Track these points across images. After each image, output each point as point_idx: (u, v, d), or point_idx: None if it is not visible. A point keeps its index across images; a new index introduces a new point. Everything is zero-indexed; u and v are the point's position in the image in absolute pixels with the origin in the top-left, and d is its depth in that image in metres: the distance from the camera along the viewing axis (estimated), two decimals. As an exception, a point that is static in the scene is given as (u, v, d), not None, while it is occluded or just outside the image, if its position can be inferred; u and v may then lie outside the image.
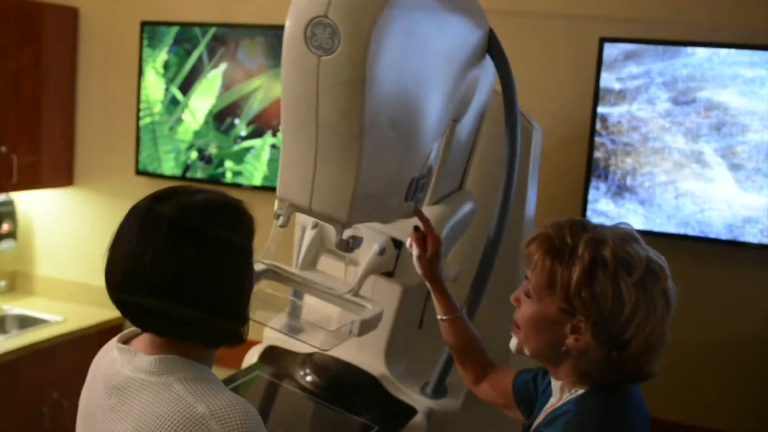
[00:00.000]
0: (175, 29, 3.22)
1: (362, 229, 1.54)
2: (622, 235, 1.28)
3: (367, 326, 1.54)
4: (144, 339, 1.25)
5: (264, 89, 3.10)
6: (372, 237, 1.62)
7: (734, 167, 2.49)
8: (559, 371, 1.32)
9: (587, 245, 1.24)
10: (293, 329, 1.61)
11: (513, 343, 1.37)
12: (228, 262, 1.20)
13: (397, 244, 1.67)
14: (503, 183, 1.74)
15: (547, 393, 1.41)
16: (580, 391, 1.30)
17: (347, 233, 1.48)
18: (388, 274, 1.67)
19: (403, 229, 1.65)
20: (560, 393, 1.34)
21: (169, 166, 3.29)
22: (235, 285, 1.22)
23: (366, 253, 1.64)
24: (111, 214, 3.47)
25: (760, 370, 2.60)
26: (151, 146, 3.32)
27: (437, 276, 1.62)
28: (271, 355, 1.92)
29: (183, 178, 3.25)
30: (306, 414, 1.78)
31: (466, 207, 1.86)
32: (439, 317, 1.63)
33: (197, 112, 3.23)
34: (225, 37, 3.14)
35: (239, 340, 1.25)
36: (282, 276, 1.64)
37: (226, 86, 3.17)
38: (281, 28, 2.84)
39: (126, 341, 1.28)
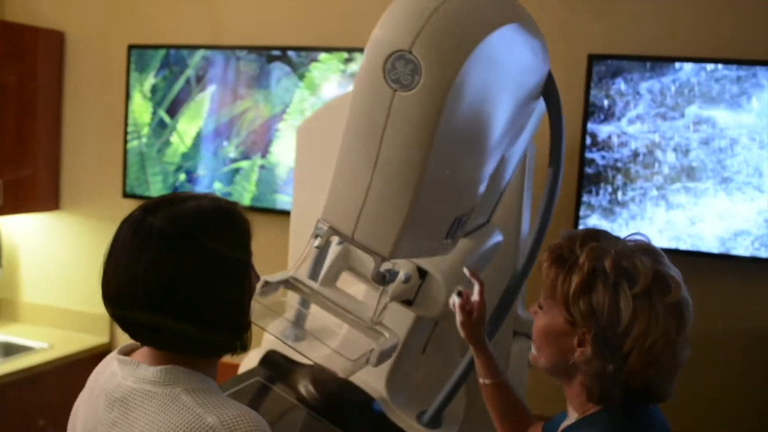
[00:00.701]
0: (162, 52, 3.21)
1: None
2: (633, 247, 1.26)
3: (383, 357, 1.51)
4: (145, 351, 1.22)
5: (253, 111, 3.09)
6: (397, 263, 1.59)
7: (724, 180, 2.51)
8: (571, 388, 1.29)
9: (588, 255, 1.23)
10: (294, 337, 1.59)
11: (531, 355, 1.36)
12: (222, 270, 1.19)
13: (422, 273, 1.64)
14: (538, 223, 1.70)
15: (563, 416, 1.38)
16: (592, 411, 1.27)
17: (385, 266, 1.46)
18: (408, 302, 1.64)
19: (429, 259, 1.62)
20: (573, 413, 1.31)
21: (157, 189, 3.27)
22: (232, 292, 1.21)
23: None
24: (98, 238, 3.44)
25: (754, 383, 2.60)
26: (139, 169, 3.29)
27: (481, 340, 1.57)
28: (272, 360, 1.89)
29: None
30: (298, 426, 1.75)
31: (493, 241, 1.83)
32: (481, 381, 1.57)
33: (185, 135, 3.21)
34: (213, 60, 3.14)
35: (242, 349, 1.23)
36: (301, 289, 1.61)
37: (214, 108, 3.16)
38: (270, 49, 2.86)
39: (127, 354, 1.25)
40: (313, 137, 2.13)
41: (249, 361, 1.97)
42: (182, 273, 1.15)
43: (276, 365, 1.88)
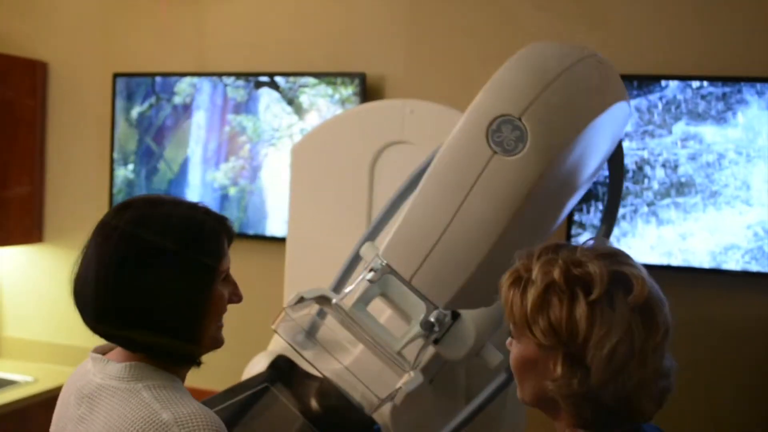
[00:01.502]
0: (148, 80, 3.21)
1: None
2: (588, 253, 1.16)
3: (407, 396, 1.50)
4: (119, 350, 1.24)
5: (241, 137, 3.08)
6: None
7: (713, 195, 2.54)
8: (559, 421, 1.19)
9: (540, 269, 1.14)
10: (304, 345, 1.57)
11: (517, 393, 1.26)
12: (177, 280, 1.18)
13: (455, 315, 1.63)
14: None
15: None
16: None
17: (434, 315, 1.45)
18: (435, 341, 1.63)
19: None
20: None
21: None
22: (184, 303, 1.19)
23: (417, 313, 1.55)
24: (83, 269, 3.39)
25: (747, 395, 2.60)
26: (125, 197, 3.26)
27: None
28: (281, 366, 1.85)
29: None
30: None
31: None
32: None
33: (173, 162, 3.20)
34: (200, 86, 3.13)
35: (192, 361, 1.24)
36: (332, 308, 1.59)
37: (202, 135, 3.15)
38: (257, 75, 2.88)
39: (103, 353, 1.26)
40: (308, 157, 2.13)
41: (256, 363, 1.93)
42: (134, 278, 1.16)
43: (284, 372, 1.85)
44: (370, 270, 1.46)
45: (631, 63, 2.65)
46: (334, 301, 1.52)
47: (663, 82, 2.57)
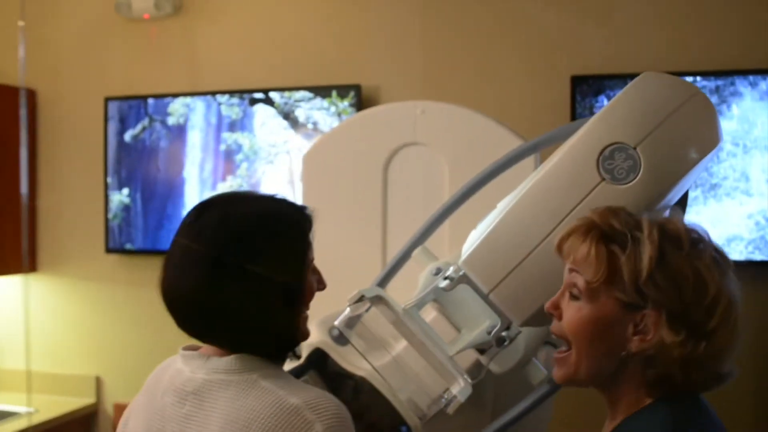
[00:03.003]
0: (141, 102, 3.19)
1: (475, 305, 1.51)
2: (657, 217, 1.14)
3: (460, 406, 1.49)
4: (209, 347, 1.22)
5: (238, 155, 3.07)
6: (483, 311, 1.58)
7: (713, 187, 2.57)
8: (619, 390, 1.14)
9: (651, 224, 1.10)
10: (339, 339, 1.56)
11: (560, 372, 1.18)
12: (273, 276, 1.17)
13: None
14: None
15: None
16: (646, 404, 1.11)
17: (510, 330, 1.44)
18: (481, 351, 1.61)
19: None
20: (618, 416, 1.15)
21: (143, 240, 3.21)
22: (282, 298, 1.19)
23: (471, 322, 1.56)
24: (81, 297, 3.35)
25: (755, 385, 2.63)
26: (122, 221, 3.23)
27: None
28: (319, 360, 1.83)
29: (154, 250, 3.17)
30: None
31: None
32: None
33: (170, 184, 3.18)
34: (194, 106, 3.12)
35: (288, 353, 1.24)
36: (387, 309, 1.59)
37: (198, 155, 3.13)
38: (251, 92, 2.89)
39: (194, 350, 1.24)
40: (319, 164, 2.13)
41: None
42: (229, 281, 1.15)
43: (323, 366, 1.83)
44: (445, 278, 1.45)
45: (624, 63, 2.69)
46: (403, 306, 1.51)
47: (657, 79, 2.61)
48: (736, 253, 2.57)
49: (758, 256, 2.55)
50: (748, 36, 2.62)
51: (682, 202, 1.57)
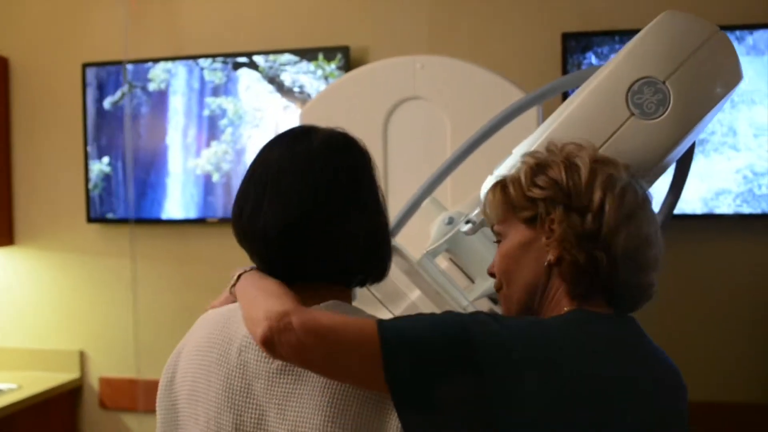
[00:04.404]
0: (120, 68, 3.12)
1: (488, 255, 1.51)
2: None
3: None
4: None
5: (222, 120, 3.02)
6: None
7: (701, 142, 2.60)
8: (549, 309, 1.18)
9: (525, 156, 1.22)
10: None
11: (503, 309, 1.26)
12: (377, 199, 1.20)
13: None
14: None
15: None
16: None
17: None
18: (495, 301, 1.63)
19: None
20: None
21: (125, 208, 3.15)
22: (383, 220, 1.20)
23: (484, 273, 1.58)
24: (60, 270, 3.28)
25: (745, 336, 2.68)
26: (102, 190, 3.17)
27: None
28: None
29: (138, 219, 3.12)
30: None
31: None
32: None
33: (152, 150, 3.12)
34: (175, 71, 3.06)
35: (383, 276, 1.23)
36: (402, 258, 1.58)
37: (181, 121, 3.08)
38: (235, 56, 2.84)
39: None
40: (318, 120, 2.10)
41: None
42: (341, 194, 1.15)
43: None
44: (467, 222, 1.45)
45: (614, 17, 2.70)
46: (425, 251, 1.51)
47: (645, 36, 2.62)
48: (725, 206, 2.60)
49: (746, 209, 2.59)
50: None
51: (688, 155, 1.58)
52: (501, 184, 1.22)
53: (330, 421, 1.05)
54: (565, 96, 2.63)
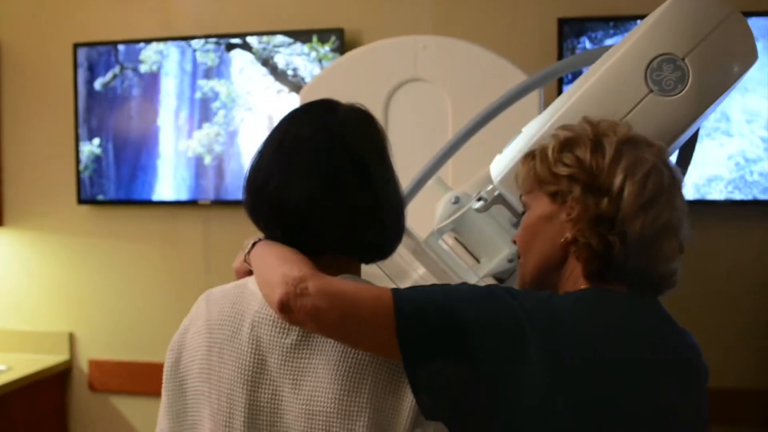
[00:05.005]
0: (111, 48, 3.09)
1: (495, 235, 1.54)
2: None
3: None
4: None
5: (215, 102, 3.00)
6: (502, 240, 1.58)
7: (694, 129, 2.62)
8: (564, 285, 1.18)
9: (556, 133, 1.21)
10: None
11: (518, 280, 1.27)
12: (392, 175, 1.21)
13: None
14: None
15: None
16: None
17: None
18: (500, 280, 1.63)
19: None
20: None
21: (116, 190, 3.12)
22: (399, 194, 1.21)
23: (491, 251, 1.59)
24: (50, 252, 3.26)
25: (735, 325, 2.71)
26: (93, 172, 3.14)
27: None
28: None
29: (128, 200, 3.11)
30: None
31: None
32: None
33: (143, 132, 3.09)
34: (167, 53, 3.04)
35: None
36: (407, 236, 1.58)
37: (173, 102, 3.05)
38: (228, 37, 2.81)
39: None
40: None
41: None
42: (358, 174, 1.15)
43: None
44: (479, 199, 1.46)
45: (609, 3, 2.71)
46: (434, 228, 1.53)
47: (639, 21, 2.63)
48: (716, 192, 2.62)
49: (738, 196, 2.62)
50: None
51: (691, 142, 1.60)
52: (531, 155, 1.22)
53: (345, 394, 1.06)
54: (561, 81, 2.65)
